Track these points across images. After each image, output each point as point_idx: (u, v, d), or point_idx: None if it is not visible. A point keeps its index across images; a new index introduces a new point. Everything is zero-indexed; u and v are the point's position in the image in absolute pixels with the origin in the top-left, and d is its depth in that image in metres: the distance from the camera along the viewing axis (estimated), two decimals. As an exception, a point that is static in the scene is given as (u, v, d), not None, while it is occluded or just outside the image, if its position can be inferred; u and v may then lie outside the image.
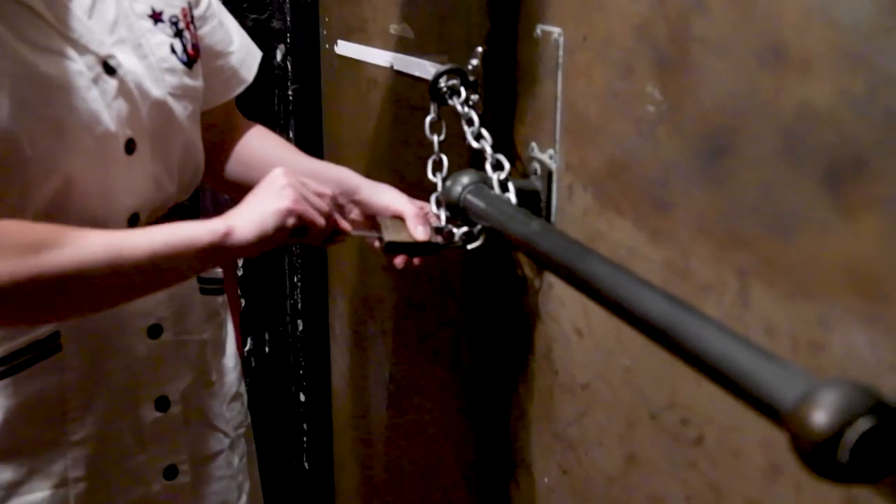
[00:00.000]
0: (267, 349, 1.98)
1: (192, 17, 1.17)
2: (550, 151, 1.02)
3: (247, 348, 1.96)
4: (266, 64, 1.79)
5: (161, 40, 1.10)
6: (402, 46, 1.35)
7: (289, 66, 1.76)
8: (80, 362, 1.09)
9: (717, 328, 0.63)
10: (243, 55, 1.28)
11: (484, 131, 1.06)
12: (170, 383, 1.18)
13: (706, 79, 0.77)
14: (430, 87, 1.14)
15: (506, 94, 1.11)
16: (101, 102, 1.00)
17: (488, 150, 1.04)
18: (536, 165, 1.04)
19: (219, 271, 1.31)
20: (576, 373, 1.01)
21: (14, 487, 1.08)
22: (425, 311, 1.42)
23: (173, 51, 1.11)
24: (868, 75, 0.61)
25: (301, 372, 1.97)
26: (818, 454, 0.51)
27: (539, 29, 1.02)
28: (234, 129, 1.33)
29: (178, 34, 1.12)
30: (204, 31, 1.21)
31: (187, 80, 1.13)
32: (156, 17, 1.10)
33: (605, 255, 0.89)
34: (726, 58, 0.74)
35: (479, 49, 1.11)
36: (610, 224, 0.92)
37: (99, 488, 1.13)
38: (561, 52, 0.98)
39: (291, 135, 1.75)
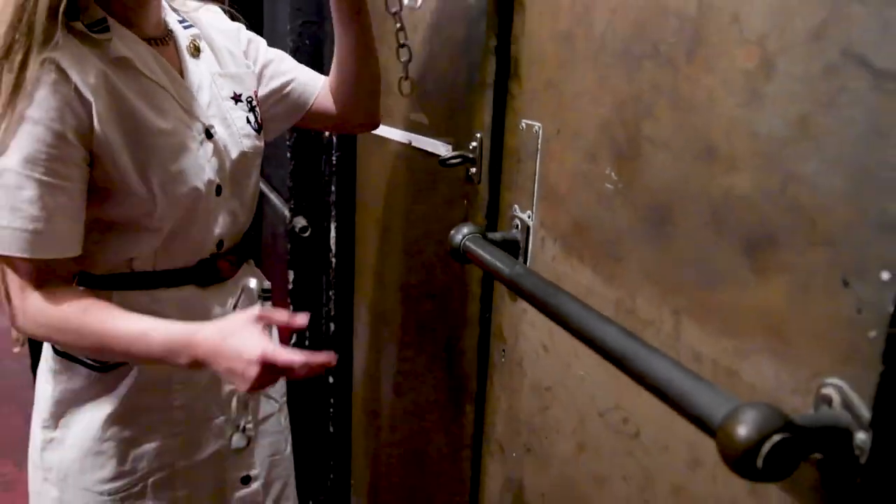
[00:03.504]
0: (306, 343, 1.95)
1: (258, 96, 1.19)
2: (529, 212, 1.00)
3: (292, 342, 1.92)
4: (317, 137, 1.78)
5: (240, 115, 1.12)
6: (419, 129, 1.33)
7: (333, 139, 1.73)
8: None
9: (663, 358, 0.60)
10: (306, 74, 1.25)
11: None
12: None
13: (653, 167, 0.75)
14: (441, 161, 1.12)
15: (497, 168, 1.08)
16: (204, 159, 1.04)
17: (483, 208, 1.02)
18: (518, 222, 1.02)
19: (267, 284, 1.27)
20: (541, 378, 0.98)
21: (133, 441, 1.09)
22: (426, 324, 1.39)
23: (248, 122, 1.13)
24: (780, 174, 0.59)
25: (331, 362, 1.93)
26: (741, 460, 0.49)
27: (523, 122, 1.00)
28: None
29: (252, 109, 1.15)
30: (271, 70, 1.21)
31: (257, 142, 1.14)
32: (236, 98, 1.13)
33: (569, 291, 0.87)
34: (669, 152, 0.72)
35: (479, 135, 1.09)
36: (573, 269, 0.90)
37: (191, 441, 1.13)
38: (540, 141, 0.96)
39: (333, 188, 1.72)
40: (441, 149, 1.23)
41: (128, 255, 1.02)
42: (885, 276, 0.50)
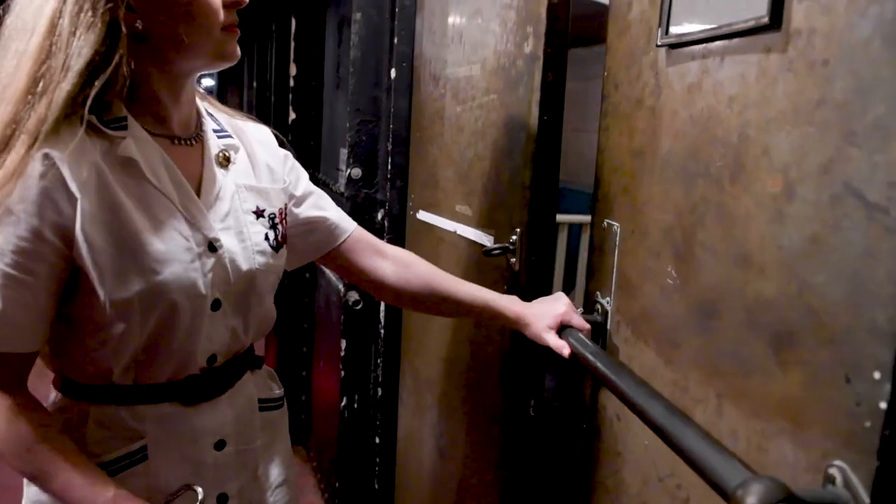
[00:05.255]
0: (356, 406, 1.96)
1: (286, 214, 1.07)
2: (608, 299, 1.07)
3: (343, 404, 1.95)
4: (371, 221, 1.88)
5: (258, 230, 0.99)
6: (464, 220, 1.41)
7: (386, 224, 1.82)
8: (162, 469, 0.94)
9: (695, 431, 0.67)
10: (340, 216, 1.16)
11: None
12: (229, 483, 1.00)
13: (703, 268, 0.81)
14: (485, 251, 1.23)
15: (532, 260, 1.16)
16: (199, 272, 0.90)
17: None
18: (599, 306, 1.10)
19: (279, 392, 1.14)
20: (614, 444, 1.03)
21: None
22: (467, 393, 1.44)
23: (266, 238, 1.00)
24: (797, 282, 0.65)
25: (377, 423, 1.94)
26: (745, 522, 0.54)
27: (606, 222, 1.09)
28: (377, 249, 1.18)
29: (273, 227, 1.02)
30: (309, 202, 1.12)
31: (272, 261, 1.00)
32: (258, 213, 1.00)
33: (637, 371, 0.93)
34: (716, 257, 0.79)
35: (518, 230, 1.18)
36: (640, 351, 0.96)
37: None
38: (618, 238, 1.05)
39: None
40: (484, 239, 1.31)
41: (105, 363, 0.89)
42: (877, 375, 0.55)
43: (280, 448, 1.12)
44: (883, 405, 0.54)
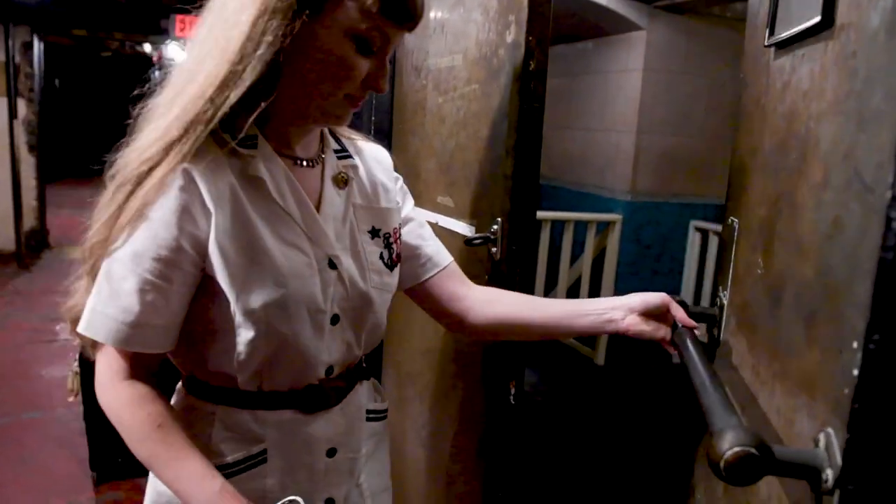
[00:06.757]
0: None
1: (400, 233, 1.10)
2: (725, 293, 1.10)
3: None
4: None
5: (374, 250, 1.03)
6: (446, 211, 1.41)
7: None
8: (278, 472, 0.99)
9: (718, 394, 0.73)
10: (436, 249, 1.16)
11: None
12: (336, 488, 1.06)
13: (777, 257, 0.85)
14: (466, 241, 1.28)
15: (512, 250, 1.17)
16: (319, 287, 0.94)
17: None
18: (718, 299, 1.13)
19: (384, 405, 1.18)
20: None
21: None
22: (448, 384, 1.45)
23: (381, 257, 1.04)
24: (824, 264, 0.69)
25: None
26: (713, 463, 0.62)
27: (730, 219, 1.12)
28: (465, 284, 1.18)
29: (388, 246, 1.06)
30: (407, 228, 1.13)
31: (386, 279, 1.05)
32: (374, 232, 1.04)
33: (733, 359, 0.98)
34: (784, 246, 0.82)
35: (499, 219, 1.20)
36: (737, 339, 0.99)
37: None
38: (735, 234, 1.08)
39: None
40: (465, 230, 1.32)
41: (232, 368, 0.93)
42: (855, 345, 0.59)
43: (381, 457, 1.17)
44: (855, 372, 0.58)
